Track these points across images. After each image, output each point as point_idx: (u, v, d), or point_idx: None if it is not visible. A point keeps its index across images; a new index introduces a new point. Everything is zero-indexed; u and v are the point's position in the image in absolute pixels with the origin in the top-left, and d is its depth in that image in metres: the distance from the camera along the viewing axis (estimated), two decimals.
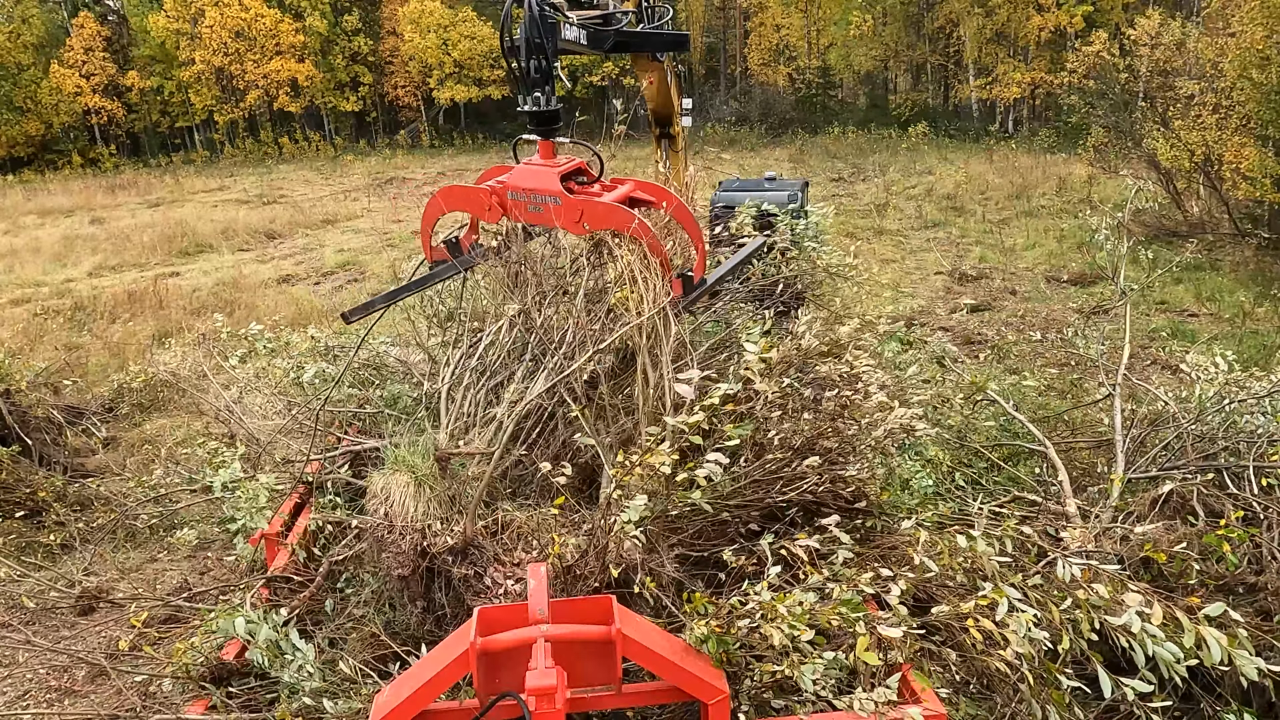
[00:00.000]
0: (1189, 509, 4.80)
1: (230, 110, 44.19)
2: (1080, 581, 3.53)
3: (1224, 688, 3.86)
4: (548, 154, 4.42)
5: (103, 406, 9.68)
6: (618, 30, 4.88)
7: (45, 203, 27.96)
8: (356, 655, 3.70)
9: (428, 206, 4.72)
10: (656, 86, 6.98)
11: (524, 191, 4.34)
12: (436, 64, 43.61)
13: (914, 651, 3.48)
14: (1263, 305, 11.60)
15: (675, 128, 7.39)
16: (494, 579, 3.57)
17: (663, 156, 7.52)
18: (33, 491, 7.03)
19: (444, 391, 4.32)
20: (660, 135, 7.41)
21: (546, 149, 4.43)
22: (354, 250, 18.90)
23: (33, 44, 42.28)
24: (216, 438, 7.10)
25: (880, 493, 4.41)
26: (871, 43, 40.23)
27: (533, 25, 4.11)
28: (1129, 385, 6.88)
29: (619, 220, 4.13)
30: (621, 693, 3.26)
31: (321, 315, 13.12)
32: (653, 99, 7.12)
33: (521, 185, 4.35)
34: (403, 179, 31.80)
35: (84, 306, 14.24)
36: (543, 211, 4.31)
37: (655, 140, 7.50)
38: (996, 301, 12.83)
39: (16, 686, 5.11)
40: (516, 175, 4.40)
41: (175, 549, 6.48)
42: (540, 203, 4.29)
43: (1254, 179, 14.00)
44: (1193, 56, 18.04)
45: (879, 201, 20.91)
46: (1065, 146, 28.54)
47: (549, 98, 4.27)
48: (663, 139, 7.43)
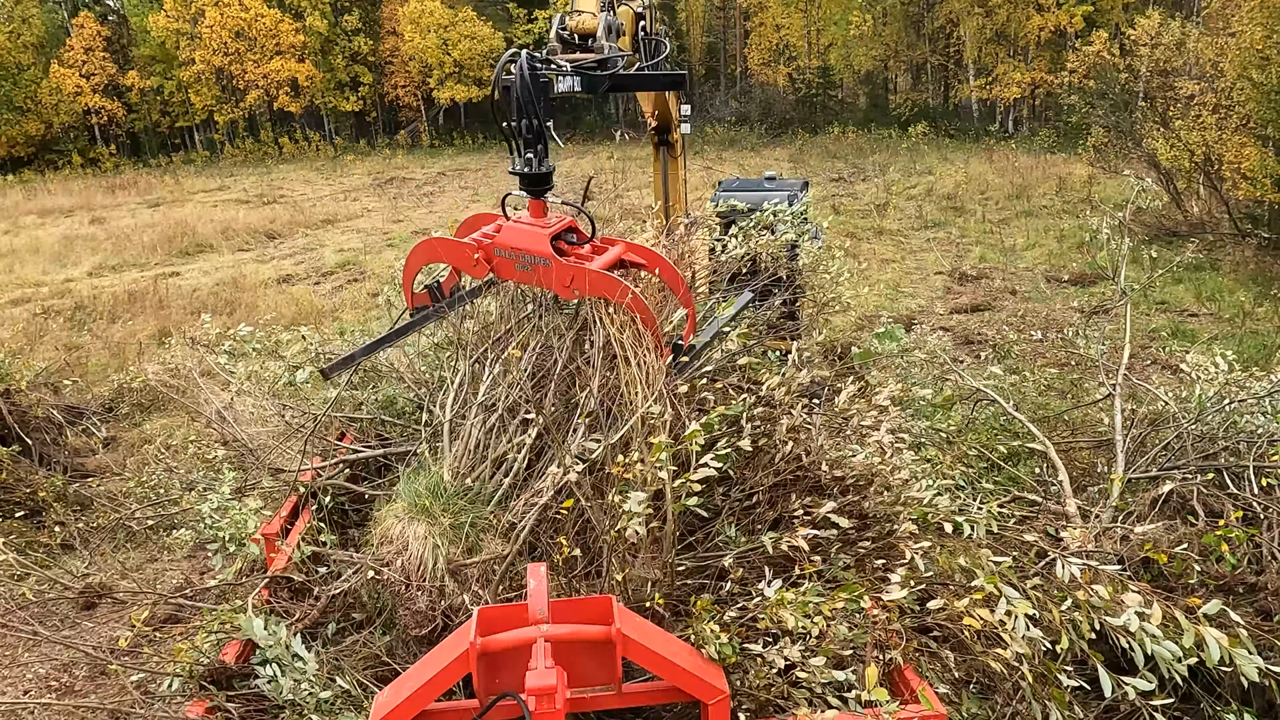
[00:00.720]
0: (1189, 509, 4.80)
1: (230, 110, 44.19)
2: (1080, 582, 3.53)
3: (1224, 688, 3.87)
4: (538, 213, 4.29)
5: (103, 406, 9.68)
6: (613, 75, 4.78)
7: (45, 203, 27.97)
8: (360, 670, 3.71)
9: (410, 256, 4.54)
10: (655, 98, 6.98)
11: (512, 250, 4.20)
12: (436, 64, 43.60)
13: (912, 649, 3.48)
14: (1263, 305, 11.61)
15: (674, 135, 7.38)
16: None
17: (661, 163, 7.50)
18: (33, 491, 7.04)
19: (447, 424, 4.26)
20: (659, 143, 7.40)
21: (537, 208, 4.29)
22: (354, 250, 18.92)
23: (33, 44, 42.30)
24: (210, 442, 7.09)
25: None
26: (871, 43, 40.24)
27: (524, 86, 3.98)
28: (1129, 385, 6.88)
29: (610, 288, 4.05)
30: (621, 693, 3.26)
31: (322, 315, 13.13)
32: (651, 109, 7.12)
33: (510, 244, 4.20)
34: (403, 179, 31.81)
35: (84, 306, 14.25)
36: (532, 272, 4.17)
37: (654, 148, 7.48)
38: (996, 301, 12.83)
39: (17, 686, 5.12)
40: (506, 234, 4.24)
41: (175, 549, 6.48)
42: (530, 263, 4.15)
43: (1254, 179, 14.01)
44: (1193, 56, 18.06)
45: (879, 201, 20.92)
46: (1065, 146, 28.56)
47: (541, 160, 4.15)
48: (661, 146, 7.42)
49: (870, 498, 3.95)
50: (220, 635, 3.75)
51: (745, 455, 3.90)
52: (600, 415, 4.03)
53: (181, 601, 5.37)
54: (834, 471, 4.01)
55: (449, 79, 43.87)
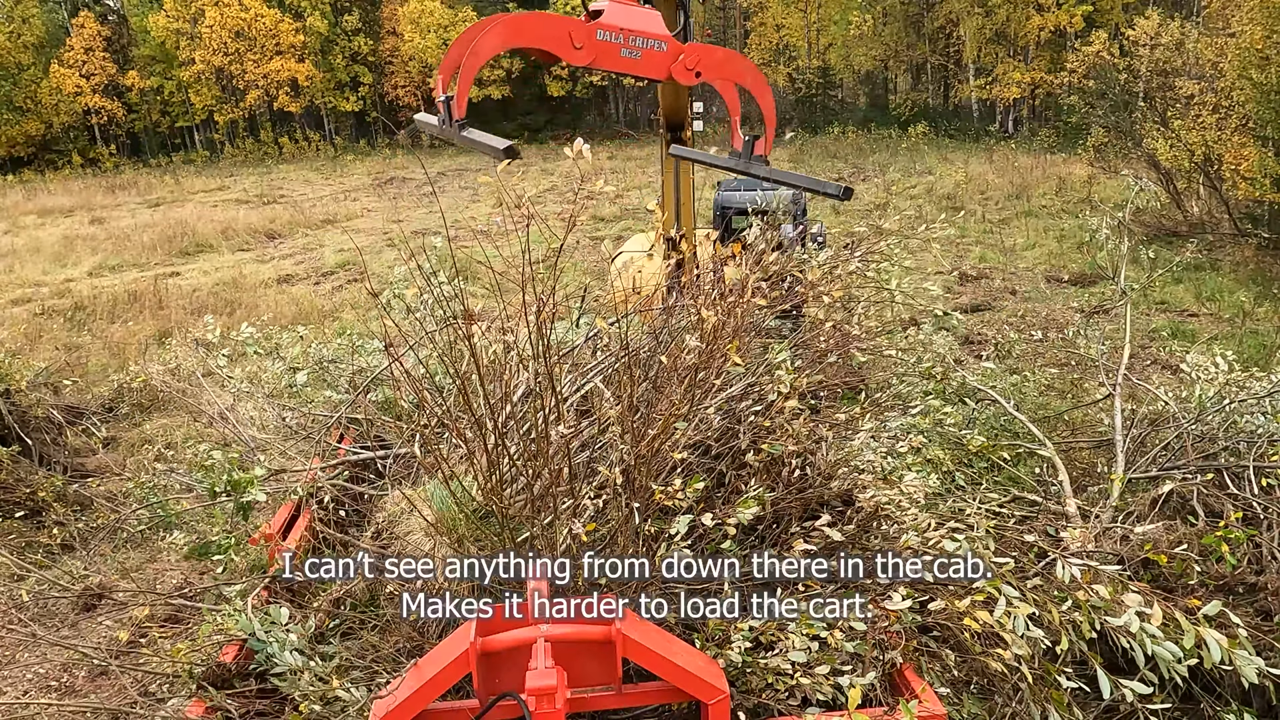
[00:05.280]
0: (1189, 509, 4.80)
1: (230, 110, 44.22)
2: (1080, 582, 3.52)
3: (1224, 688, 3.86)
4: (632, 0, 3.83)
5: (103, 406, 9.68)
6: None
7: (45, 203, 27.98)
8: (360, 670, 3.69)
9: (484, 38, 3.75)
10: (674, 93, 6.93)
11: (619, 31, 3.72)
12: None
13: (912, 649, 3.48)
14: (1263, 305, 11.61)
15: (686, 132, 7.34)
16: None
17: (673, 161, 7.45)
18: (33, 491, 7.03)
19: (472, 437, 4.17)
20: (671, 140, 7.35)
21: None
22: (354, 250, 18.91)
23: (33, 44, 42.32)
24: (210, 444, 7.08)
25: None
26: (871, 43, 40.25)
27: None
28: (1129, 385, 6.88)
29: (739, 67, 3.77)
30: (621, 693, 3.26)
31: (322, 315, 13.13)
32: (668, 105, 7.07)
33: (617, 24, 3.72)
34: (403, 179, 31.80)
35: (84, 306, 14.25)
36: (640, 59, 3.75)
37: (665, 144, 7.42)
38: (996, 301, 12.83)
39: (17, 686, 5.11)
40: (611, 13, 3.76)
41: (175, 549, 6.47)
42: (640, 47, 3.71)
43: (1254, 179, 14.01)
44: (1192, 56, 18.07)
45: (879, 201, 20.90)
46: (1065, 146, 28.56)
47: None
48: (673, 144, 7.38)
49: (880, 522, 3.93)
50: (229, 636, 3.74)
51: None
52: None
53: (181, 602, 5.37)
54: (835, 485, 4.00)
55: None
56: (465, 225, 5.22)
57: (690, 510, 3.56)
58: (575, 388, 4.47)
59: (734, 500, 3.78)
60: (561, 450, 3.63)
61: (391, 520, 4.31)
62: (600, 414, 3.98)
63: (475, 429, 3.65)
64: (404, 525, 4.13)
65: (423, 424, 4.08)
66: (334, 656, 3.68)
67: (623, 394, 3.75)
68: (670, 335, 4.53)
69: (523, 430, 3.91)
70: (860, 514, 3.92)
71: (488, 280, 3.90)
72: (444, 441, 4.34)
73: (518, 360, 3.96)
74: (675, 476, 3.62)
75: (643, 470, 3.67)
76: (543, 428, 3.56)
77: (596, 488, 3.67)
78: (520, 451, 3.77)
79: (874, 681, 3.34)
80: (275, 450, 5.69)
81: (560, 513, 3.62)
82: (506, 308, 3.90)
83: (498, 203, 3.60)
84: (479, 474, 3.70)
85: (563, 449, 3.63)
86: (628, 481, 3.67)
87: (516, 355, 3.88)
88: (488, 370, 3.81)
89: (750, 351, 4.70)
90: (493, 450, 3.61)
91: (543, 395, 3.60)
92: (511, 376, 3.99)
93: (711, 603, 3.33)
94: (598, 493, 3.64)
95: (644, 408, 3.91)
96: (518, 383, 4.14)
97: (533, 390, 3.84)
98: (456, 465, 3.96)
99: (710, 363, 3.87)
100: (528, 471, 3.63)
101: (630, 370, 3.92)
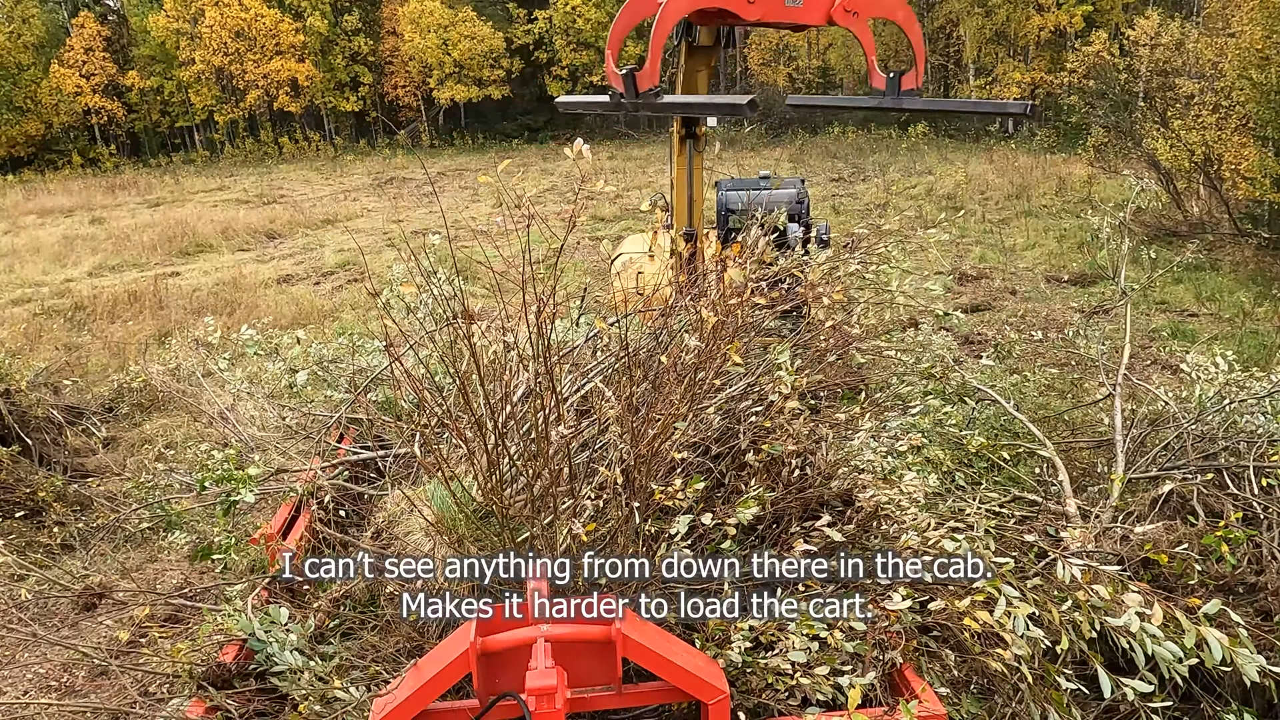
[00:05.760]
0: (1189, 509, 4.80)
1: (230, 110, 44.23)
2: (1080, 582, 3.52)
3: (1224, 688, 3.86)
4: None
5: (103, 406, 9.67)
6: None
7: (45, 203, 27.98)
8: (360, 670, 3.69)
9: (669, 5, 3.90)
10: (693, 87, 6.93)
11: None
12: (436, 64, 43.65)
13: (912, 649, 3.48)
14: (1263, 305, 11.61)
15: (701, 127, 7.32)
16: None
17: (686, 158, 7.42)
18: (33, 491, 7.02)
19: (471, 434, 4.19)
20: (686, 135, 7.33)
21: None
22: (354, 250, 18.91)
23: (33, 44, 42.34)
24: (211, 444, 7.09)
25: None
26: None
27: None
28: (1129, 385, 6.88)
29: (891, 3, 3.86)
30: (621, 693, 3.26)
31: (322, 315, 13.14)
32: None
33: None
34: (403, 179, 31.81)
35: (84, 306, 14.25)
36: (802, 6, 3.93)
37: (679, 140, 7.38)
38: (996, 301, 12.83)
39: (17, 686, 5.11)
40: None
41: (175, 549, 6.47)
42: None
43: (1254, 179, 14.01)
44: (1192, 56, 18.07)
45: (879, 201, 20.92)
46: (1065, 146, 28.57)
47: None
48: (688, 140, 7.35)
49: (880, 522, 3.93)
50: (231, 635, 3.74)
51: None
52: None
53: (181, 602, 5.36)
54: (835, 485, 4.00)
55: (449, 79, 43.92)
56: (465, 225, 5.22)
57: (690, 510, 3.56)
58: (575, 388, 4.48)
59: (734, 500, 3.78)
60: (561, 450, 3.65)
61: (391, 520, 4.31)
62: (600, 414, 3.99)
63: (475, 429, 3.67)
64: (404, 525, 4.13)
65: (423, 424, 4.09)
66: (334, 656, 3.67)
67: (622, 394, 3.78)
68: (670, 335, 4.54)
69: (523, 430, 3.92)
70: (860, 514, 3.92)
71: (488, 280, 3.90)
72: (444, 441, 4.35)
73: (518, 360, 3.98)
74: (675, 476, 3.64)
75: (643, 470, 3.67)
76: (543, 428, 3.58)
77: (596, 488, 3.68)
78: (520, 451, 3.79)
79: (874, 681, 3.34)
80: (275, 450, 5.69)
81: (560, 513, 3.63)
82: (506, 307, 3.91)
83: (498, 203, 3.62)
84: (479, 474, 3.72)
85: (563, 449, 3.64)
86: (627, 481, 3.68)
87: (516, 355, 3.92)
88: (488, 370, 3.83)
89: (750, 351, 4.71)
90: (493, 450, 3.63)
91: (543, 395, 3.62)
92: (511, 376, 4.01)
93: (711, 603, 3.33)
94: (598, 493, 3.65)
95: (644, 408, 3.92)
96: (518, 383, 4.14)
97: (533, 390, 3.86)
98: (456, 465, 3.97)
99: (710, 363, 3.89)
100: (528, 471, 3.65)
101: (630, 370, 3.94)
